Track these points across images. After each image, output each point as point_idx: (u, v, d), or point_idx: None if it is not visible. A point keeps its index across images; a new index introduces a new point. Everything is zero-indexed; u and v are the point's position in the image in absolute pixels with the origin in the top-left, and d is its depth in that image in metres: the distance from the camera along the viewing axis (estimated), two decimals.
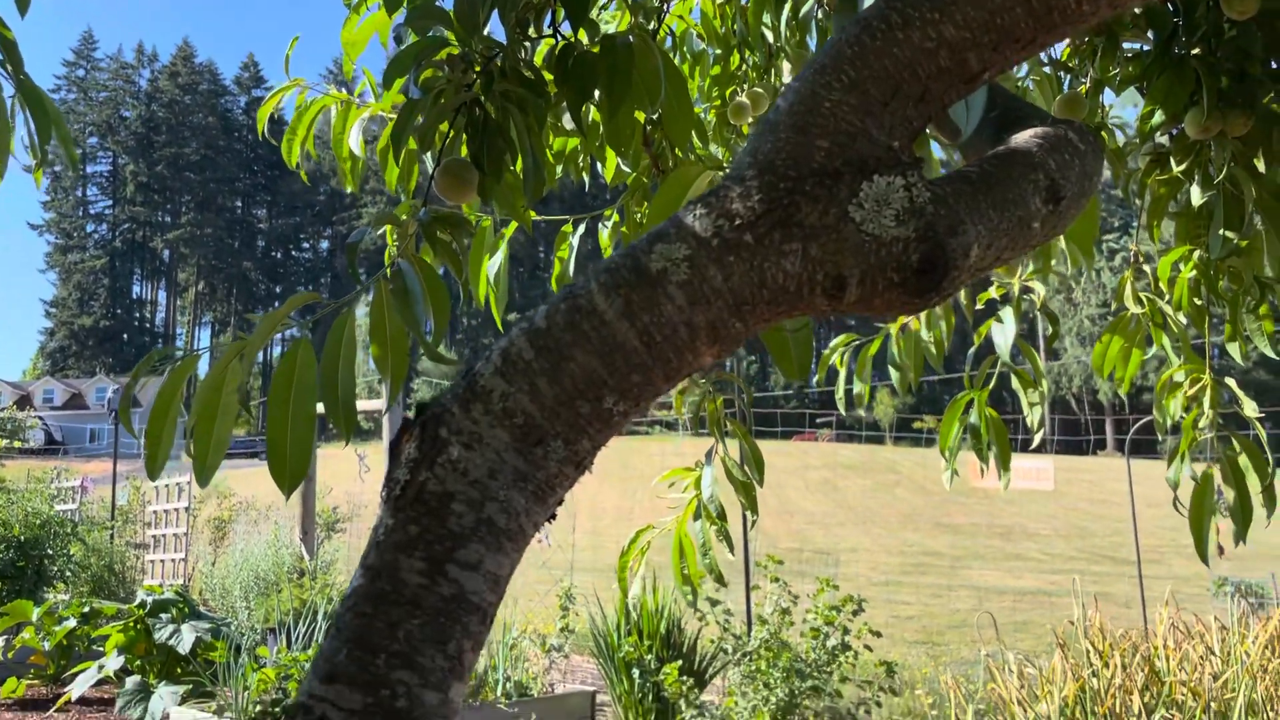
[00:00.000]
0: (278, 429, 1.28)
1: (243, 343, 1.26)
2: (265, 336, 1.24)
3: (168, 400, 1.32)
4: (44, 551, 8.92)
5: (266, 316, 1.22)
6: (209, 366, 1.31)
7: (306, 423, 1.27)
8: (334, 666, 0.58)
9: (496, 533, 0.60)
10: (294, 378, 1.27)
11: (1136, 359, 2.02)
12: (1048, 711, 3.55)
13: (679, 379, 0.64)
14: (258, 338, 1.23)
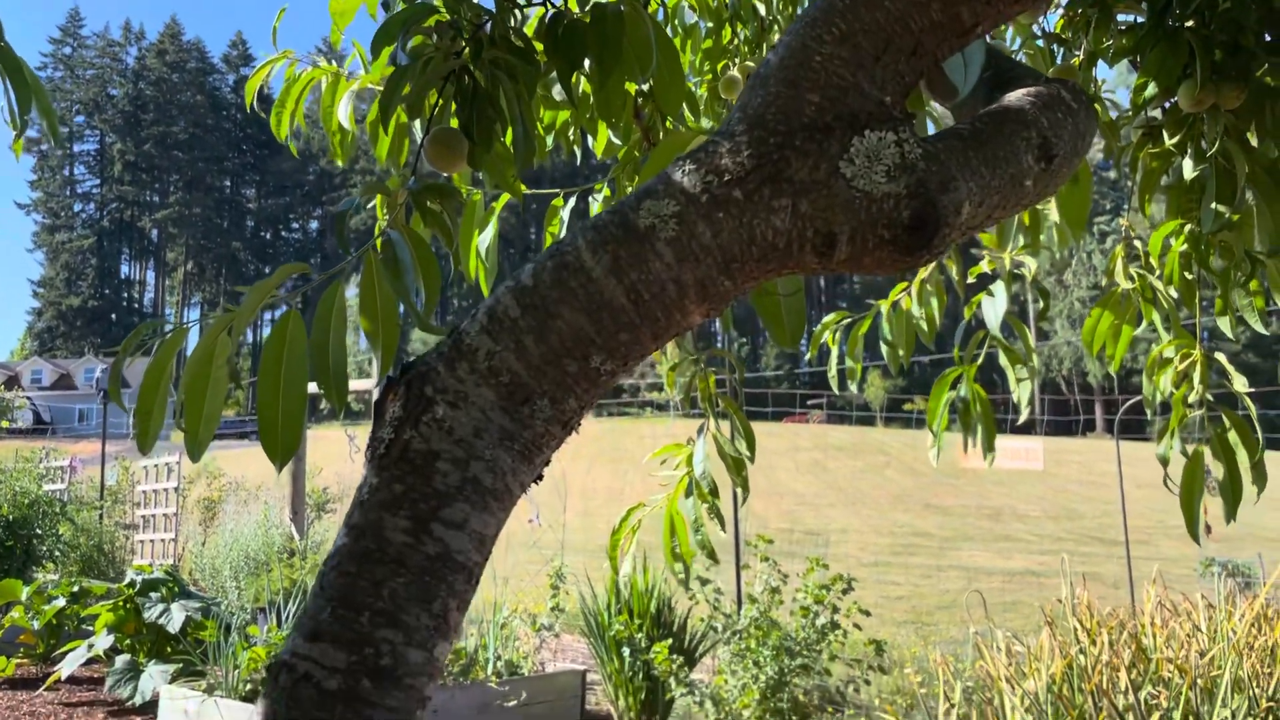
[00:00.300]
0: (269, 403, 1.27)
1: (231, 315, 1.25)
2: (254, 308, 1.23)
3: (157, 375, 1.31)
4: (32, 531, 8.90)
5: (255, 287, 1.21)
6: (198, 340, 1.30)
7: (298, 396, 1.26)
8: (318, 624, 0.57)
9: (482, 492, 0.60)
10: (284, 351, 1.26)
11: (1126, 336, 2.02)
12: (1035, 688, 3.57)
13: (667, 338, 0.63)
14: (246, 309, 1.22)
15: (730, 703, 5.05)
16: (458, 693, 5.65)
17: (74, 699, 6.39)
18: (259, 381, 1.25)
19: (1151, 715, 3.30)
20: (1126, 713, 3.26)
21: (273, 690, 0.56)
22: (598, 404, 4.31)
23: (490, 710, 5.77)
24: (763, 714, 4.95)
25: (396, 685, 0.56)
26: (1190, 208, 1.72)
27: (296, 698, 0.56)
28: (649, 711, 5.96)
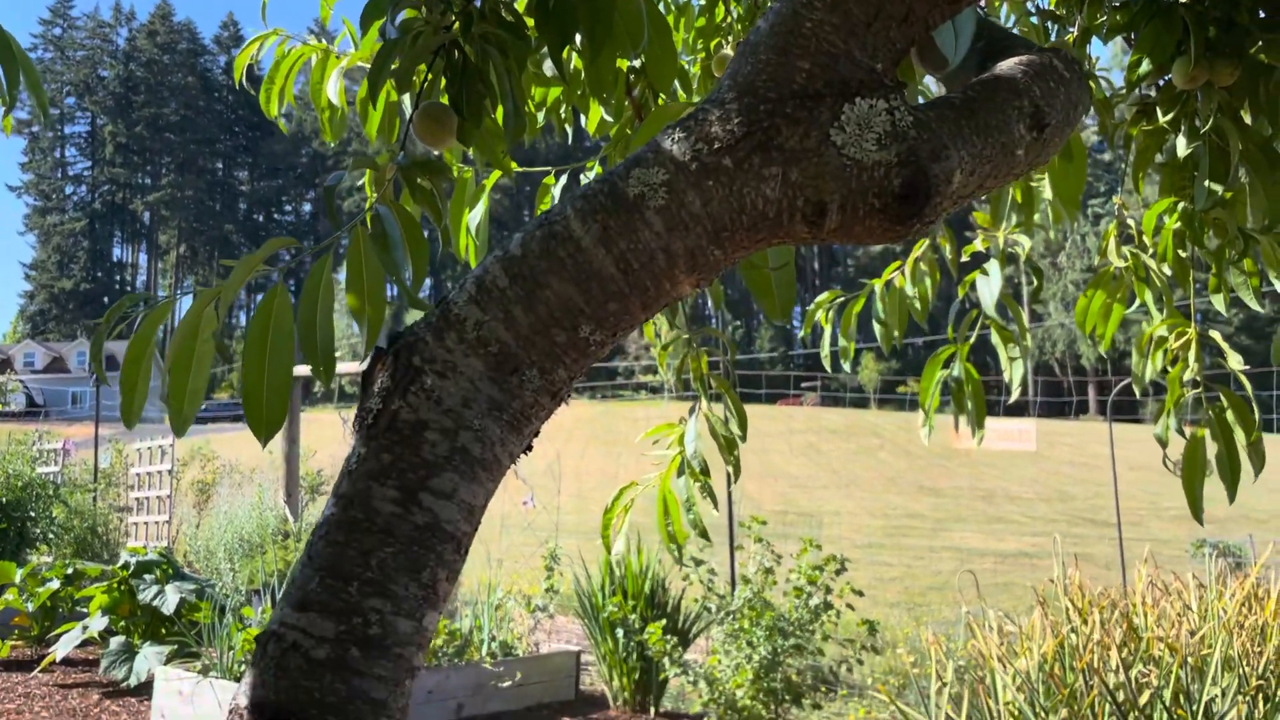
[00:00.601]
0: (254, 377, 1.26)
1: (217, 288, 1.24)
2: (240, 282, 1.22)
3: (141, 349, 1.30)
4: (26, 513, 8.89)
5: (242, 261, 1.20)
6: (183, 314, 1.29)
7: (283, 371, 1.25)
8: (306, 594, 0.57)
9: (471, 462, 0.59)
10: (270, 324, 1.25)
11: (1118, 315, 2.02)
12: (1027, 667, 3.59)
13: (657, 309, 0.62)
14: (233, 283, 1.21)
15: (724, 683, 5.08)
16: (452, 673, 5.67)
17: (69, 680, 6.40)
18: (244, 356, 1.24)
19: (1142, 694, 3.33)
20: (1117, 690, 3.28)
21: (261, 660, 0.56)
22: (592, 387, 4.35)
23: (485, 691, 5.80)
24: (756, 694, 4.98)
25: (385, 654, 0.56)
26: (1184, 185, 1.72)
27: (284, 667, 0.55)
28: (643, 692, 5.99)
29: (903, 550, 14.88)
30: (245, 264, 1.22)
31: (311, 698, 0.55)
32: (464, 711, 5.67)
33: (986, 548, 15.44)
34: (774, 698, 5.04)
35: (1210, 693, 3.22)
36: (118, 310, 1.28)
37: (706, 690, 5.14)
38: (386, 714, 0.56)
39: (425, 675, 5.51)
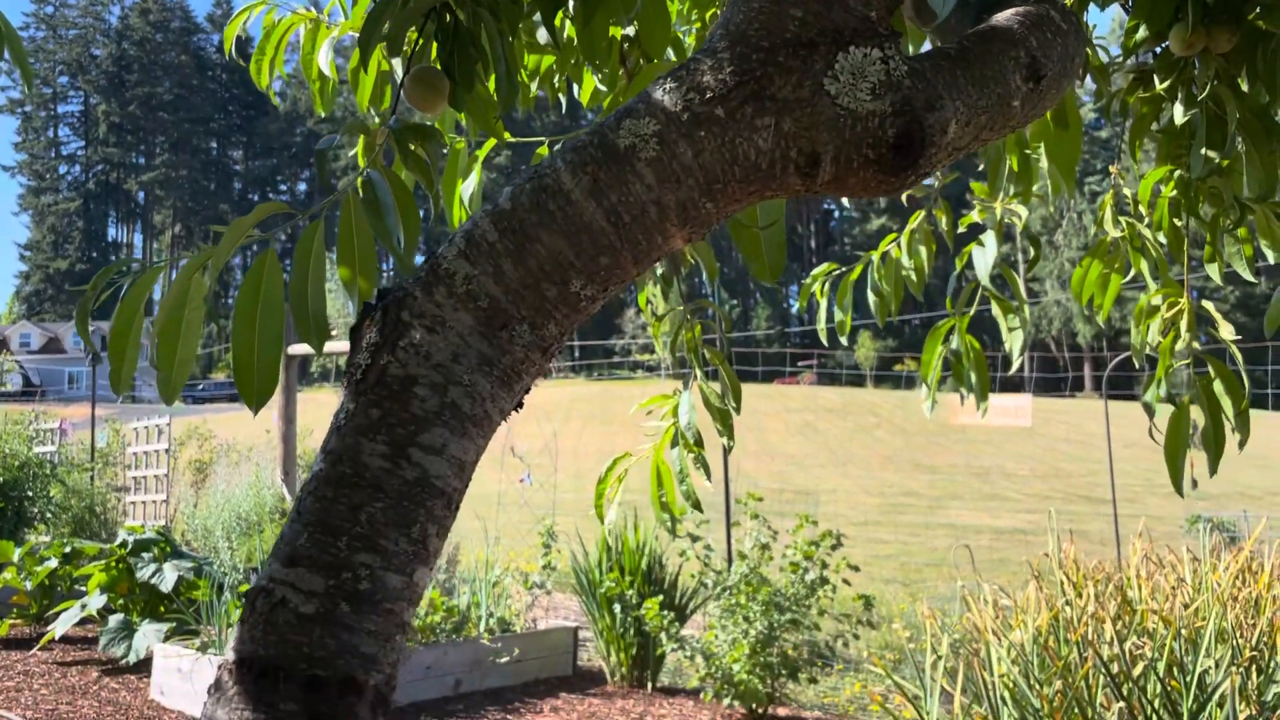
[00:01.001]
0: (244, 346, 1.25)
1: (205, 254, 1.23)
2: (230, 248, 1.21)
3: (129, 316, 1.29)
4: (23, 493, 8.89)
5: (232, 225, 1.19)
6: (172, 280, 1.29)
7: (273, 338, 1.25)
8: (295, 550, 0.56)
9: (461, 417, 0.59)
10: (260, 292, 1.25)
11: (1115, 286, 2.02)
12: (1022, 640, 3.60)
13: (648, 263, 0.62)
14: (223, 248, 1.20)
15: (720, 657, 5.10)
16: (450, 649, 5.70)
17: (68, 658, 6.42)
18: (233, 324, 1.24)
19: (1136, 665, 3.34)
20: (1112, 663, 3.30)
21: (250, 615, 0.56)
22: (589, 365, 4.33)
23: (483, 666, 5.83)
24: (752, 668, 5.00)
25: (375, 609, 0.56)
26: (1180, 154, 1.71)
27: (273, 622, 0.55)
28: (640, 667, 6.02)
29: (899, 527, 14.94)
30: (235, 229, 1.21)
31: (300, 652, 0.54)
32: (462, 687, 5.70)
33: (982, 524, 15.50)
34: (770, 672, 5.07)
35: (1204, 664, 3.24)
36: (104, 277, 1.27)
37: (703, 665, 5.17)
38: (377, 668, 0.56)
39: (423, 651, 5.53)
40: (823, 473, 22.71)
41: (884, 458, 26.52)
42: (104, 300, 1.33)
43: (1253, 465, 22.49)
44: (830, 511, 14.86)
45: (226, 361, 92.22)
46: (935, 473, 23.55)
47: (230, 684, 0.54)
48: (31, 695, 5.47)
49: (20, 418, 11.21)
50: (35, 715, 5.06)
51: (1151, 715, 3.12)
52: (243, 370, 1.24)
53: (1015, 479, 22.50)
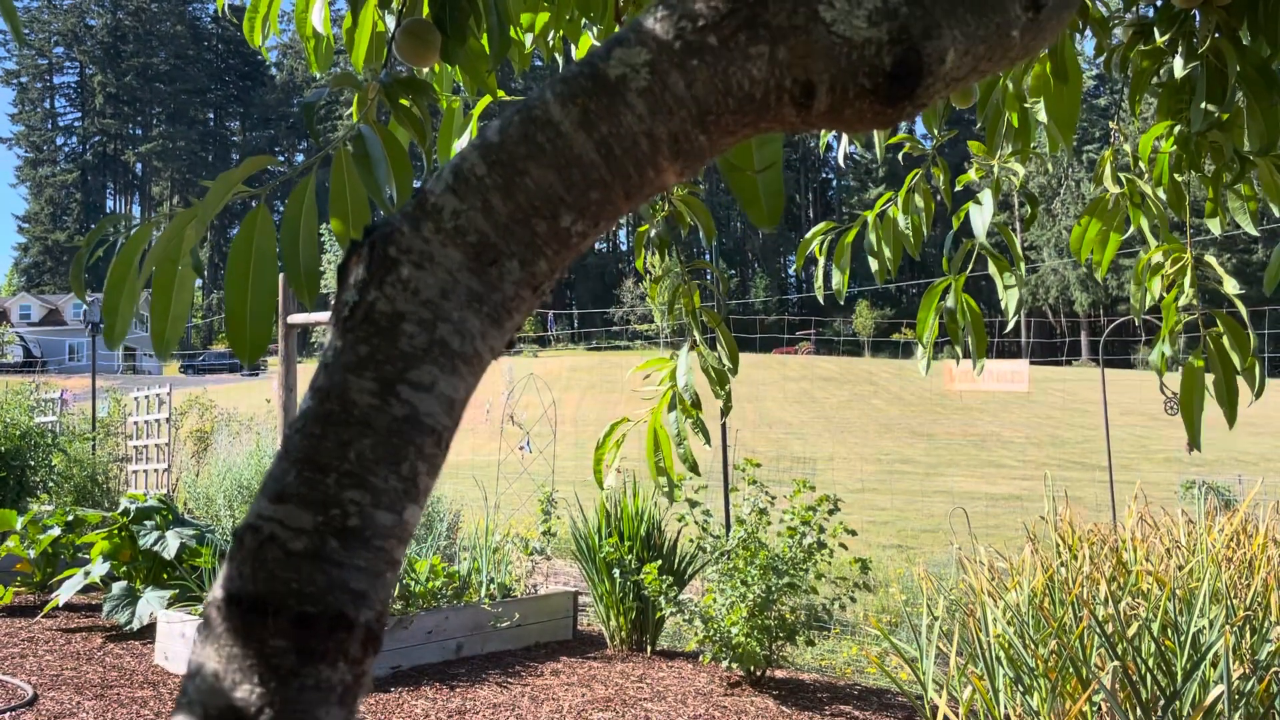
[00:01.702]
0: (237, 299, 1.25)
1: (195, 209, 1.22)
2: (219, 201, 1.20)
3: (122, 271, 1.29)
4: (25, 462, 8.91)
5: (220, 179, 1.18)
6: (161, 235, 1.28)
7: (267, 291, 1.24)
8: (282, 487, 0.56)
9: (450, 355, 0.58)
10: (253, 246, 1.24)
11: (1114, 243, 2.01)
12: (1017, 601, 3.63)
13: (640, 198, 0.61)
14: (211, 202, 1.19)
15: (719, 620, 5.14)
16: (451, 614, 5.74)
17: (72, 625, 6.46)
18: (226, 277, 1.23)
19: (1130, 625, 3.37)
20: (1106, 623, 3.32)
21: (238, 553, 0.56)
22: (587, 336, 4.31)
23: (484, 631, 5.87)
24: (750, 631, 5.04)
25: (365, 546, 0.55)
26: (1180, 108, 1.69)
27: (261, 559, 0.55)
28: (639, 631, 6.07)
29: (895, 494, 14.99)
30: (223, 182, 1.20)
31: (289, 589, 0.54)
32: (463, 651, 5.74)
33: (978, 491, 15.56)
34: (768, 635, 5.10)
35: (1198, 624, 3.26)
36: (98, 232, 1.26)
37: (702, 628, 5.20)
38: (367, 605, 0.55)
39: (425, 616, 5.57)
40: (820, 441, 22.76)
41: (881, 426, 26.58)
42: (98, 258, 1.32)
43: (1247, 432, 22.57)
44: (828, 479, 14.91)
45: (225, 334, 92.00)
46: (932, 440, 23.62)
47: (218, 621, 0.54)
48: (36, 661, 5.51)
49: (21, 388, 11.21)
50: (41, 680, 5.10)
51: (1145, 674, 3.15)
52: (236, 322, 1.23)
53: (1012, 446, 22.58)
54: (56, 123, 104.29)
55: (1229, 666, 2.97)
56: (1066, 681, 3.34)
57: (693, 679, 5.42)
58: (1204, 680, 3.16)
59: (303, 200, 1.27)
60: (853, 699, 5.11)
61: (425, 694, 5.00)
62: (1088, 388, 32.85)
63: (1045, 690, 3.35)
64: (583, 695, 5.05)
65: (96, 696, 4.85)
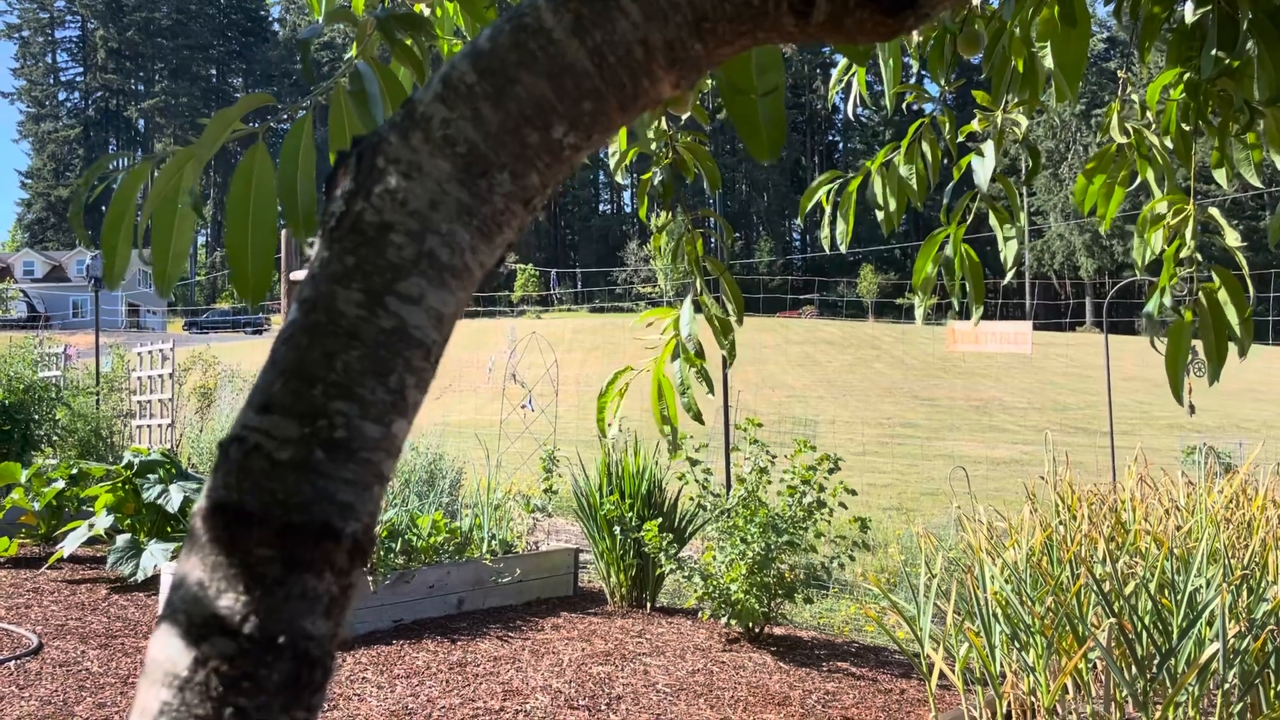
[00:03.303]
0: (238, 238, 1.24)
1: (192, 148, 1.21)
2: (216, 140, 1.19)
3: (121, 210, 1.28)
4: (29, 416, 8.94)
5: (216, 117, 1.17)
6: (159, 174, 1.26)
7: (267, 231, 1.23)
8: (269, 398, 0.55)
9: (439, 267, 0.57)
10: (252, 184, 1.23)
11: (1118, 196, 1.99)
12: (1015, 559, 3.64)
13: (635, 111, 0.60)
14: (207, 141, 1.18)
15: (718, 578, 5.17)
16: (453, 569, 5.78)
17: (77, 576, 6.52)
18: (227, 218, 1.22)
19: (1128, 584, 3.38)
20: (1104, 581, 3.34)
21: (224, 464, 0.55)
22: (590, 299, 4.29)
23: (485, 586, 5.91)
24: (749, 588, 5.07)
25: (352, 458, 0.55)
26: (1190, 55, 1.67)
27: (248, 469, 0.54)
28: (639, 587, 6.11)
29: (896, 457, 15.03)
30: (220, 120, 1.19)
31: (275, 499, 0.54)
32: (465, 606, 5.79)
33: (979, 455, 15.59)
34: (767, 592, 5.14)
35: (1195, 583, 3.27)
36: (96, 170, 1.25)
37: (701, 585, 5.24)
38: (354, 517, 0.55)
39: (427, 571, 5.61)
40: (822, 404, 22.80)
41: (883, 390, 26.60)
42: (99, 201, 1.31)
43: (1249, 398, 22.56)
44: (829, 442, 14.95)
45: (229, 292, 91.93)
46: (934, 405, 23.65)
47: (203, 531, 0.54)
48: (42, 611, 5.57)
49: (25, 343, 11.23)
50: (46, 630, 5.16)
51: (1141, 631, 3.17)
52: (237, 260, 1.23)
53: (1013, 411, 22.60)
54: (58, 78, 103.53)
55: (1225, 625, 2.99)
56: (1063, 638, 3.37)
57: (692, 635, 5.46)
58: (1200, 638, 3.18)
59: (300, 137, 1.26)
60: (850, 656, 5.15)
61: (427, 646, 5.05)
62: (1091, 353, 32.82)
63: (1041, 647, 3.38)
64: (582, 649, 5.10)
65: (101, 646, 4.91)
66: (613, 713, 4.17)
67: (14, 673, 4.45)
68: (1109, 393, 8.13)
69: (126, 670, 4.52)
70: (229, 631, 0.53)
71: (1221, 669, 3.04)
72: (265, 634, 0.53)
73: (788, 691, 4.51)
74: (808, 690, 4.54)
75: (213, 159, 1.30)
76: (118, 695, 4.17)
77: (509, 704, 4.22)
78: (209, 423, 11.80)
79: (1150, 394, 24.49)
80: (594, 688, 4.48)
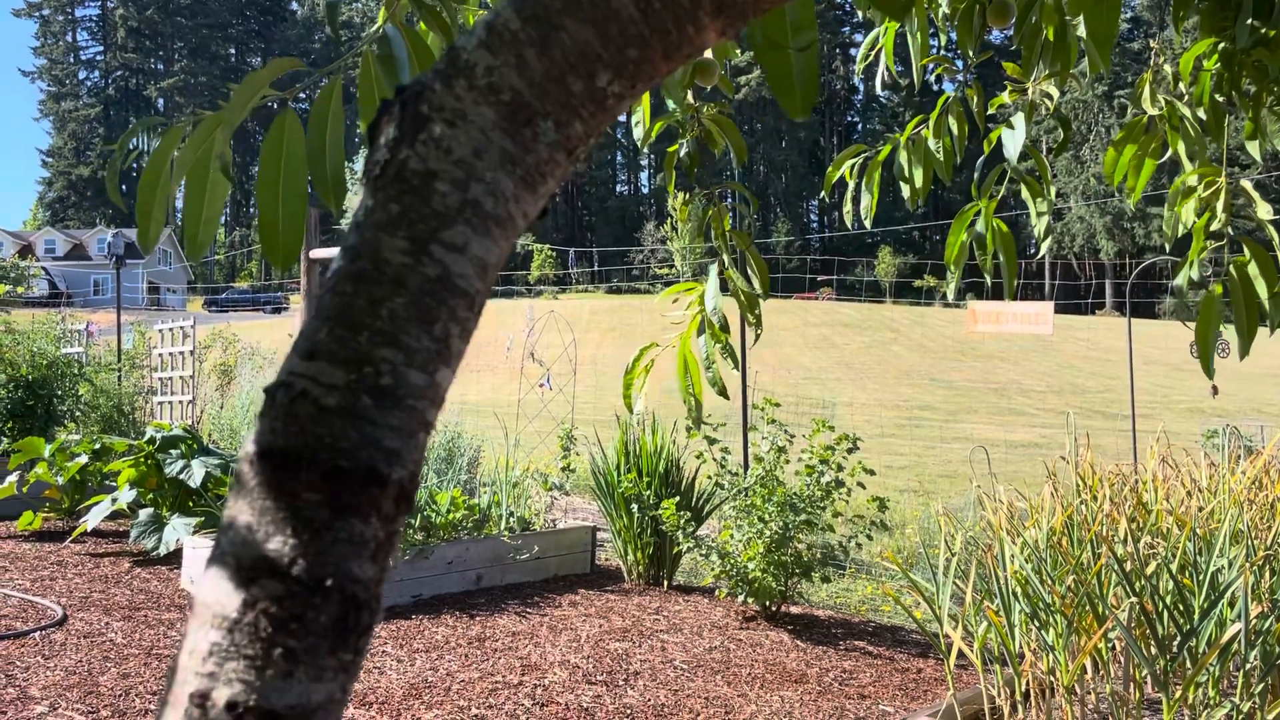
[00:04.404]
0: (268, 206, 1.25)
1: (222, 112, 1.21)
2: (245, 105, 1.19)
3: (155, 174, 1.28)
4: (53, 391, 9.02)
5: (246, 80, 1.17)
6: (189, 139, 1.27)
7: (297, 198, 1.24)
8: (314, 344, 0.56)
9: (483, 216, 0.57)
10: (282, 150, 1.23)
11: (1149, 169, 1.97)
12: (1035, 538, 3.63)
13: (679, 58, 0.59)
14: (237, 104, 1.18)
15: (735, 556, 5.18)
16: (472, 546, 5.81)
17: (100, 549, 6.59)
18: (258, 185, 1.23)
19: (1149, 564, 3.37)
20: (1125, 560, 3.33)
21: (270, 409, 0.56)
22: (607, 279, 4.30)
23: (503, 563, 5.94)
24: (767, 566, 5.08)
25: (398, 405, 0.55)
26: (1224, 25, 1.64)
27: (294, 414, 0.55)
28: (657, 566, 6.13)
29: (914, 440, 15.00)
30: (249, 85, 1.19)
31: (322, 444, 0.54)
32: (483, 582, 5.82)
33: (997, 438, 15.53)
34: (784, 571, 5.14)
35: (1217, 563, 3.26)
36: (131, 135, 1.25)
37: (718, 563, 5.25)
38: (400, 464, 0.55)
39: (446, 547, 5.64)
40: (839, 386, 22.75)
41: (901, 372, 26.51)
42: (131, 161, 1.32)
43: (1271, 382, 22.36)
44: (846, 424, 14.92)
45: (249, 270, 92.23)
46: (952, 388, 23.56)
47: (250, 476, 0.54)
48: (66, 584, 5.64)
49: (48, 319, 11.32)
50: (70, 602, 5.22)
51: (1162, 611, 3.16)
52: (268, 228, 1.23)
53: (1032, 394, 22.48)
54: (78, 56, 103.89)
55: (1247, 605, 2.97)
56: (1083, 618, 3.36)
57: (709, 612, 5.48)
58: (1221, 619, 3.17)
59: (329, 102, 1.26)
60: (867, 635, 5.16)
61: (446, 621, 5.08)
62: (1111, 336, 32.60)
63: (1061, 626, 3.37)
64: (600, 626, 5.12)
65: (125, 618, 4.96)
66: (630, 688, 4.20)
67: (39, 643, 4.51)
68: (1130, 375, 8.08)
69: (150, 642, 4.57)
70: (278, 573, 0.53)
71: (1243, 649, 3.03)
72: (313, 576, 0.53)
73: (804, 669, 4.52)
74: (824, 668, 4.56)
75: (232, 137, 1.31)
76: (141, 666, 4.22)
77: (527, 678, 4.25)
78: (229, 400, 11.88)
79: (1170, 378, 24.32)
80: (611, 663, 4.50)
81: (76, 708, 3.73)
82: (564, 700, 4.01)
